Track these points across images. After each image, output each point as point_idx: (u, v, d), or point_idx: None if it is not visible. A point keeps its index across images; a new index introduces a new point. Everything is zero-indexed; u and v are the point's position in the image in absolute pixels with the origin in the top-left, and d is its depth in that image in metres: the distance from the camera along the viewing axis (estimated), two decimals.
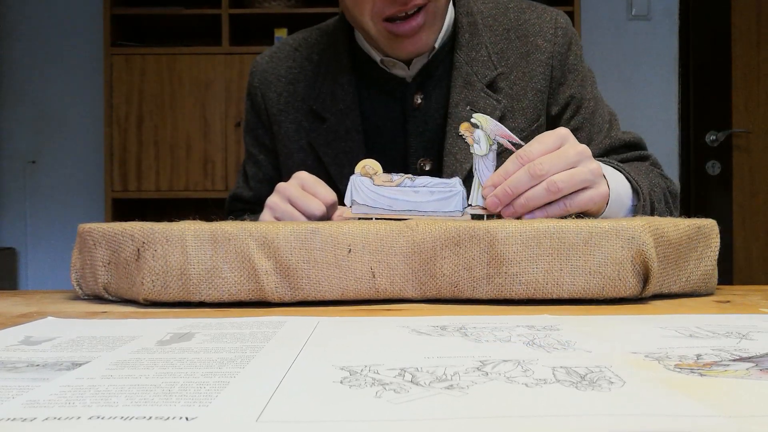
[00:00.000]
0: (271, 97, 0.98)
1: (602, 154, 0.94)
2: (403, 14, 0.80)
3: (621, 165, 0.79)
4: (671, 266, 0.55)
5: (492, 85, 0.91)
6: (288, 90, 0.97)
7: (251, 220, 0.78)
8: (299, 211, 0.74)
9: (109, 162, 2.59)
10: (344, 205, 0.70)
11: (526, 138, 0.91)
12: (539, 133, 0.93)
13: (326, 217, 0.75)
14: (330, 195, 0.75)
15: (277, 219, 0.75)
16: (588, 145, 0.93)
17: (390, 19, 0.81)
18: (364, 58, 0.93)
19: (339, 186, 0.90)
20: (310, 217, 0.74)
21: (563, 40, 0.94)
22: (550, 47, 0.93)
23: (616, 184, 0.71)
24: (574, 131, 0.94)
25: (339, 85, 0.93)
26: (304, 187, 0.76)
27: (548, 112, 0.95)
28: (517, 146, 0.65)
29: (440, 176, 0.86)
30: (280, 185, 0.77)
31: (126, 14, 2.63)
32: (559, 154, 0.63)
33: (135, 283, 0.54)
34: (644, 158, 0.95)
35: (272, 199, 0.77)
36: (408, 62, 0.90)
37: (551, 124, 0.95)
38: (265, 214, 0.77)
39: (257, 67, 1.01)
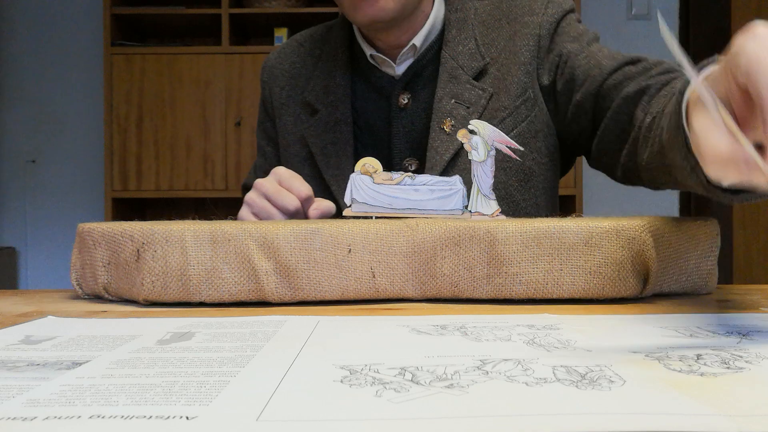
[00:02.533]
0: (275, 91, 1.01)
1: (617, 66, 0.81)
2: None
3: None
4: (672, 266, 0.55)
5: (480, 76, 0.88)
6: (290, 84, 0.99)
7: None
8: (275, 206, 0.76)
9: (109, 162, 2.59)
10: (320, 198, 0.70)
11: (512, 115, 0.87)
12: (525, 107, 0.87)
13: (301, 211, 0.76)
14: (305, 189, 0.76)
15: (255, 215, 0.77)
16: (584, 82, 0.83)
17: None
18: (360, 54, 0.94)
19: (324, 177, 0.91)
20: (285, 213, 0.75)
21: (553, 11, 0.89)
22: (537, 19, 0.89)
23: None
24: (568, 83, 0.86)
25: (332, 77, 0.94)
26: (281, 183, 0.77)
27: (540, 83, 0.88)
28: (516, 151, 0.65)
29: (422, 172, 0.86)
30: (258, 181, 0.78)
31: (126, 14, 2.63)
32: None
33: (135, 284, 0.54)
34: (636, 61, 0.82)
35: (250, 195, 0.78)
36: (394, 59, 0.90)
37: (548, 94, 0.89)
38: (243, 211, 0.78)
39: (267, 63, 1.04)
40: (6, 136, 2.94)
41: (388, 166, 0.91)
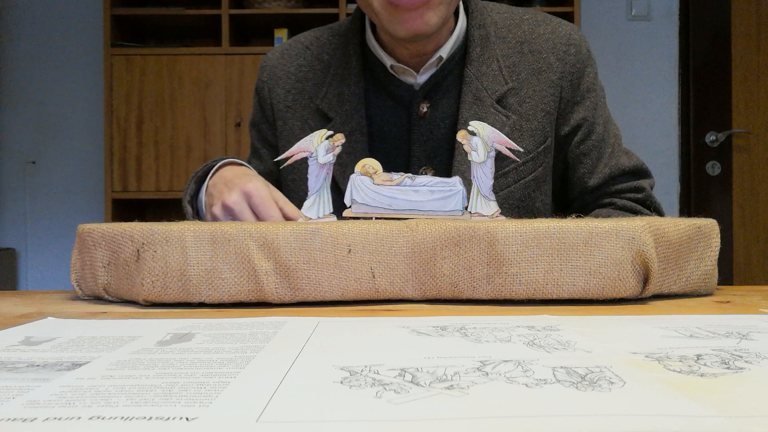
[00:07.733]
0: (278, 93, 0.98)
1: (602, 183, 0.94)
2: None
3: None
4: (671, 266, 0.55)
5: (502, 101, 0.90)
6: (296, 88, 0.97)
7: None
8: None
9: (109, 162, 2.59)
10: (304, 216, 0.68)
11: (533, 159, 0.91)
12: (544, 154, 0.94)
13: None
14: (276, 216, 0.74)
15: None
16: (591, 174, 0.95)
17: None
18: (374, 62, 0.93)
19: (341, 187, 0.90)
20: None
21: (575, 59, 0.93)
22: (561, 66, 0.92)
23: None
24: (582, 156, 0.95)
25: (347, 86, 0.93)
26: (252, 207, 0.75)
27: (557, 131, 0.94)
28: (515, 152, 0.65)
29: None
30: (227, 200, 0.76)
31: (126, 14, 2.63)
32: None
33: (135, 284, 0.54)
34: (639, 190, 0.95)
35: (214, 212, 0.75)
36: (417, 69, 0.90)
37: (561, 144, 0.95)
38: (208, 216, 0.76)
39: (267, 63, 1.01)
40: (6, 137, 2.94)
41: None
